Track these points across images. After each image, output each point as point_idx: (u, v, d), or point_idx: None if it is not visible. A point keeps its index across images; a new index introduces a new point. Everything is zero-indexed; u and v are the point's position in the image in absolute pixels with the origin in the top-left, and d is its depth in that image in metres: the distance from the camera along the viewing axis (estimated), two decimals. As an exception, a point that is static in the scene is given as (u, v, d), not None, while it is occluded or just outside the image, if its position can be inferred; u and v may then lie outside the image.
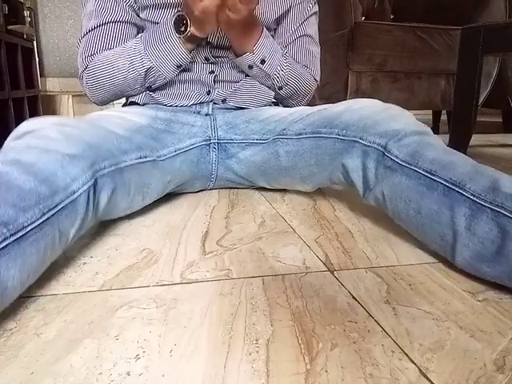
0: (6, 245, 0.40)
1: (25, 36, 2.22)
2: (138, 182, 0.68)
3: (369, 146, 0.66)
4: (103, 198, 0.59)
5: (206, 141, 0.84)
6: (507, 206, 0.48)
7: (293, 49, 0.90)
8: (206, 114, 0.86)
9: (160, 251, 0.60)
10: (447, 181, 0.54)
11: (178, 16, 0.75)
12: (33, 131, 0.57)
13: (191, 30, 0.75)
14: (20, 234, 0.42)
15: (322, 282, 0.52)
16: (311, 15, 0.91)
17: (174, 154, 0.78)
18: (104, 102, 0.88)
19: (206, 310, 0.45)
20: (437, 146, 0.61)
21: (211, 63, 0.86)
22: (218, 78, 0.87)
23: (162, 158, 0.74)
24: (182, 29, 0.75)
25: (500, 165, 1.29)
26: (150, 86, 0.84)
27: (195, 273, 0.53)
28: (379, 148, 0.64)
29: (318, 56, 0.95)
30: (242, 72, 0.88)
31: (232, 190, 0.93)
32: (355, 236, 0.67)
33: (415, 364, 0.37)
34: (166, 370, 0.36)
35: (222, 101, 0.87)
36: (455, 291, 0.50)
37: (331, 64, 1.83)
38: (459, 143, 1.46)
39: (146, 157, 0.70)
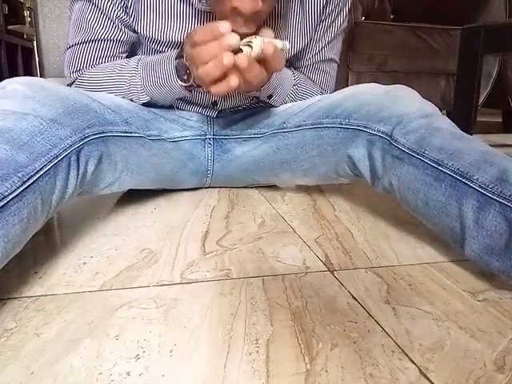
0: None
1: (25, 36, 2.22)
2: (124, 157, 0.67)
3: (374, 135, 0.64)
4: (90, 167, 0.59)
5: (200, 135, 0.82)
6: None
7: (311, 71, 0.84)
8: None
9: (160, 251, 0.60)
10: (455, 172, 0.53)
11: (181, 62, 0.64)
12: (4, 88, 0.55)
13: (194, 83, 0.65)
14: (1, 204, 0.41)
15: (322, 282, 0.52)
16: (339, 34, 0.81)
17: (164, 138, 0.75)
18: None
19: (206, 310, 0.45)
20: (444, 130, 0.59)
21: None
22: (221, 108, 0.82)
23: (151, 138, 0.71)
24: (185, 77, 0.65)
25: (500, 165, 1.29)
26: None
27: (195, 273, 0.53)
28: (384, 136, 0.63)
29: (335, 73, 0.88)
30: (246, 98, 0.81)
31: (232, 189, 0.93)
32: (355, 236, 0.67)
33: (415, 364, 0.37)
34: (166, 369, 0.36)
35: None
36: (455, 291, 0.50)
37: (331, 64, 1.82)
38: (459, 143, 1.46)
39: (131, 132, 0.67)
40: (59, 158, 0.51)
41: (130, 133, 0.68)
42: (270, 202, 0.84)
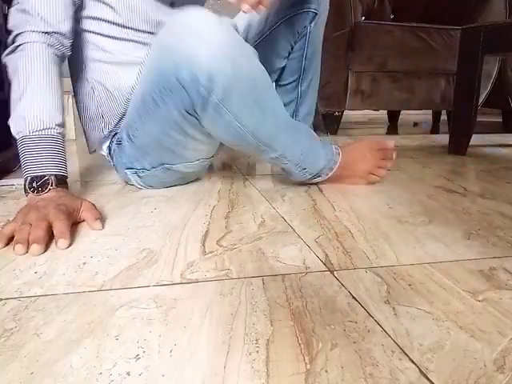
0: None
1: (25, 36, 2.22)
2: None
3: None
4: None
5: None
6: None
7: None
8: None
9: (160, 251, 0.60)
10: None
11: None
12: None
13: None
14: None
15: (322, 282, 0.52)
16: None
17: None
18: None
19: (205, 310, 0.45)
20: None
21: None
22: None
23: None
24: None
25: (500, 165, 1.29)
26: None
27: (195, 273, 0.53)
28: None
29: None
30: None
31: (232, 189, 0.93)
32: (355, 236, 0.67)
33: (415, 364, 0.37)
34: (166, 369, 0.36)
35: None
36: (455, 291, 0.50)
37: (331, 64, 1.82)
38: (459, 143, 1.46)
39: None
40: None
41: None
42: (270, 202, 0.84)
